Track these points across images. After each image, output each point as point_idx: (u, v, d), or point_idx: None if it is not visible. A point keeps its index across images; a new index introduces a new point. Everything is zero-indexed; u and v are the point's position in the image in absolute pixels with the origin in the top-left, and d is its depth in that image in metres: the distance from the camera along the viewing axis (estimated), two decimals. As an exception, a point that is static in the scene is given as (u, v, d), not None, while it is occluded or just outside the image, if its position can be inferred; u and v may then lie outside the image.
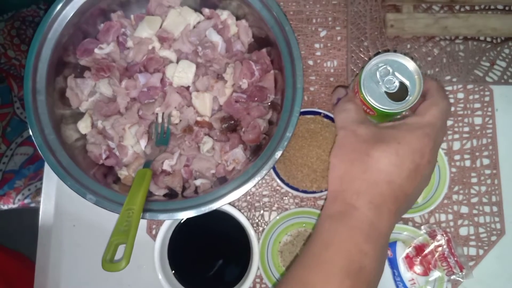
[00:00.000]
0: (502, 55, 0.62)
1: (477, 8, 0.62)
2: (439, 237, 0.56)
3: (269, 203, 0.60)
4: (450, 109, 0.49)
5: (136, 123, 0.55)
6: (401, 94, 0.46)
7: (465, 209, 0.60)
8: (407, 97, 0.45)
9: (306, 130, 0.56)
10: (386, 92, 0.46)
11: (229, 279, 0.55)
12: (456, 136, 0.61)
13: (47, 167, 0.62)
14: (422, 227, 0.58)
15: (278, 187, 0.61)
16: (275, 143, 0.48)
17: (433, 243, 0.56)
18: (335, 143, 0.47)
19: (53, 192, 0.61)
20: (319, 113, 0.57)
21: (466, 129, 0.61)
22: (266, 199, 0.61)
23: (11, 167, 0.95)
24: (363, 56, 0.62)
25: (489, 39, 0.62)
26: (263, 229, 0.58)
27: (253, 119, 0.54)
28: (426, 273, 0.55)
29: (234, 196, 0.47)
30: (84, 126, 0.55)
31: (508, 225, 0.59)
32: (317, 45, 0.64)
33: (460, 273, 0.55)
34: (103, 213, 0.48)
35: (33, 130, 0.49)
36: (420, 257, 0.56)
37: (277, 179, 0.56)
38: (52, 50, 0.51)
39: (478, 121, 0.62)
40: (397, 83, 0.46)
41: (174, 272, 0.55)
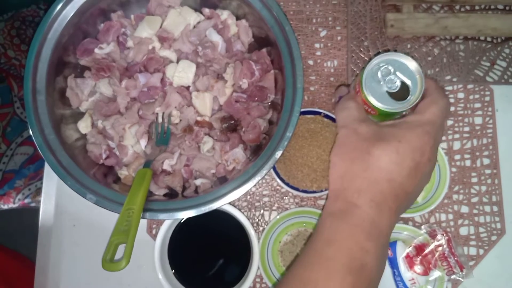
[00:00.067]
0: (502, 55, 0.62)
1: (477, 8, 0.62)
2: (439, 237, 0.56)
3: (269, 203, 0.60)
4: (449, 107, 0.49)
5: (136, 123, 0.55)
6: (402, 93, 0.46)
7: (465, 209, 0.60)
8: (409, 97, 0.45)
9: (306, 130, 0.56)
10: (387, 91, 0.46)
11: (229, 278, 0.55)
12: (456, 136, 0.61)
13: (47, 167, 0.62)
14: (422, 227, 0.58)
15: (278, 187, 0.61)
16: (275, 143, 0.48)
17: (433, 242, 0.56)
18: (335, 141, 0.48)
19: (53, 192, 0.61)
20: (319, 113, 0.57)
21: (466, 129, 0.61)
22: (266, 199, 0.61)
23: (11, 167, 0.95)
24: (363, 56, 0.62)
25: (489, 39, 0.62)
26: (263, 229, 0.58)
27: (253, 119, 0.54)
28: (426, 272, 0.55)
29: (234, 195, 0.47)
30: (84, 126, 0.55)
31: (508, 225, 0.59)
32: (317, 45, 0.64)
33: (460, 273, 0.55)
34: (103, 213, 0.48)
35: (33, 130, 0.49)
36: (420, 257, 0.55)
37: (277, 179, 0.56)
38: (52, 50, 0.51)
39: (478, 121, 0.62)
40: (398, 83, 0.46)
41: (174, 271, 0.55)
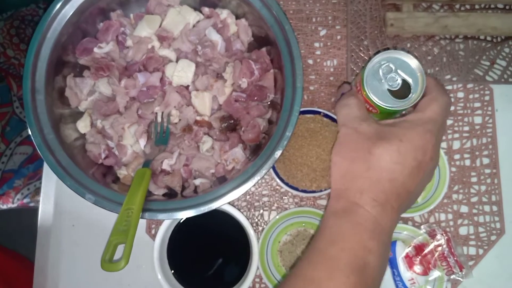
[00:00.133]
0: (502, 54, 0.62)
1: (477, 7, 0.62)
2: (438, 237, 0.56)
3: (269, 203, 0.60)
4: (450, 104, 0.49)
5: (135, 122, 0.55)
6: (403, 91, 0.46)
7: (465, 209, 0.60)
8: (410, 95, 0.45)
9: (305, 129, 0.56)
10: (388, 89, 0.46)
11: (229, 278, 0.55)
12: (456, 135, 0.61)
13: (46, 167, 0.62)
14: (421, 227, 0.58)
15: (277, 187, 0.61)
16: (274, 143, 0.48)
17: (433, 242, 0.56)
18: (336, 140, 0.47)
19: (52, 191, 0.61)
20: (319, 112, 0.57)
21: (466, 128, 0.61)
22: (265, 199, 0.60)
23: (10, 166, 0.95)
24: (363, 55, 0.62)
25: (489, 38, 0.62)
26: (263, 229, 0.58)
27: (252, 118, 0.54)
28: (425, 272, 0.55)
29: (233, 195, 0.47)
30: (83, 125, 0.55)
31: (508, 225, 0.59)
32: (317, 44, 0.64)
33: (459, 273, 0.55)
34: (103, 213, 0.48)
35: (32, 129, 0.49)
36: (419, 257, 0.55)
37: (277, 179, 0.56)
38: (51, 49, 0.51)
39: (478, 120, 0.62)
40: (399, 81, 0.46)
41: (173, 272, 0.55)
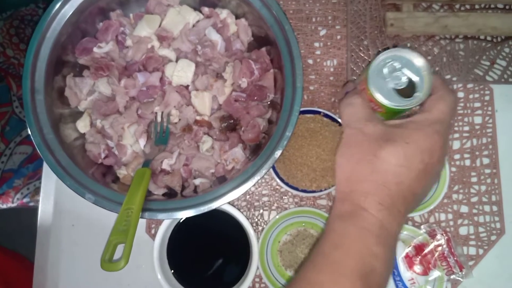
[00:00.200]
0: (502, 54, 0.62)
1: (477, 7, 0.62)
2: (438, 237, 0.56)
3: (269, 203, 0.60)
4: (457, 103, 0.47)
5: (135, 122, 0.55)
6: (409, 90, 0.44)
7: (465, 209, 0.60)
8: (416, 94, 0.44)
9: (305, 129, 0.56)
10: (394, 88, 0.44)
11: (229, 278, 0.55)
12: (456, 135, 0.61)
13: (46, 167, 0.62)
14: (421, 227, 0.58)
15: (277, 187, 0.61)
16: (274, 142, 0.48)
17: (433, 242, 0.56)
18: (341, 141, 0.46)
19: (52, 191, 0.61)
20: (319, 112, 0.57)
21: (466, 128, 0.61)
22: (265, 199, 0.60)
23: (10, 166, 0.95)
24: (363, 55, 0.62)
25: (489, 38, 0.62)
26: (263, 229, 0.58)
27: (252, 118, 0.54)
28: (425, 272, 0.55)
29: (233, 195, 0.47)
30: (83, 125, 0.55)
31: (508, 225, 0.59)
32: (316, 44, 0.64)
33: (459, 273, 0.55)
34: (102, 213, 0.48)
35: (32, 129, 0.49)
36: (419, 257, 0.55)
37: (277, 179, 0.56)
38: (50, 49, 0.51)
39: (478, 120, 0.62)
40: (405, 79, 0.44)
41: (173, 271, 0.55)
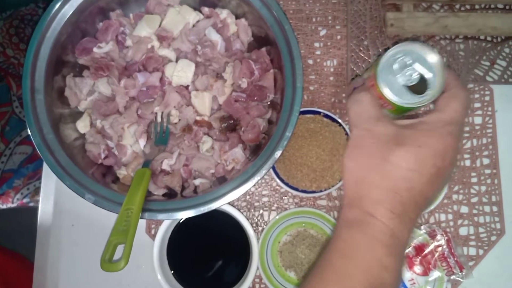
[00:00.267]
0: (502, 55, 0.62)
1: (477, 7, 0.62)
2: (439, 237, 0.56)
3: (269, 203, 0.60)
4: (470, 101, 0.45)
5: (135, 122, 0.55)
6: (421, 86, 0.41)
7: (465, 209, 0.60)
8: (428, 91, 0.41)
9: (305, 129, 0.56)
10: (404, 85, 0.42)
11: (229, 279, 0.55)
12: (456, 135, 0.61)
13: (45, 167, 0.62)
14: (422, 227, 0.58)
15: (277, 187, 0.60)
16: (274, 143, 0.48)
17: (433, 243, 0.56)
18: (348, 142, 0.44)
19: (51, 191, 0.61)
20: (319, 113, 0.57)
21: (466, 129, 0.61)
22: (265, 199, 0.60)
23: (10, 166, 0.95)
24: (363, 55, 0.62)
25: (489, 38, 0.62)
26: (263, 229, 0.58)
27: (252, 118, 0.54)
28: (425, 273, 0.55)
29: (233, 195, 0.47)
30: (83, 125, 0.55)
31: (508, 225, 0.59)
32: (316, 44, 0.64)
33: (460, 273, 0.55)
34: (102, 213, 0.48)
35: (32, 129, 0.49)
36: (419, 257, 0.55)
37: (277, 179, 0.56)
38: (50, 49, 0.51)
39: (478, 120, 0.62)
40: (417, 75, 0.41)
41: (173, 272, 0.55)
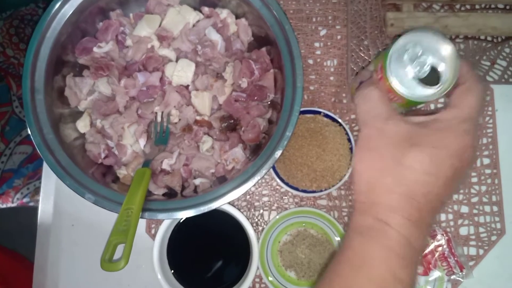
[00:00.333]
0: (502, 54, 0.62)
1: (477, 7, 0.62)
2: (439, 237, 0.56)
3: (269, 203, 0.60)
4: (486, 94, 0.42)
5: (135, 122, 0.55)
6: (433, 78, 0.39)
7: (465, 209, 0.60)
8: (441, 83, 0.38)
9: (306, 129, 0.56)
10: (415, 77, 0.39)
11: (229, 278, 0.55)
12: (456, 135, 0.61)
13: (45, 166, 0.62)
14: (422, 227, 0.58)
15: (277, 187, 0.60)
16: (274, 142, 0.48)
17: (433, 243, 0.56)
18: (358, 142, 0.41)
19: (52, 191, 0.61)
20: (319, 112, 0.57)
21: (466, 129, 0.61)
22: (265, 199, 0.60)
23: (10, 166, 0.95)
24: (363, 55, 0.61)
25: (489, 38, 0.62)
26: (263, 229, 0.58)
27: (252, 118, 0.54)
28: (426, 273, 0.55)
29: (233, 195, 0.47)
30: (83, 125, 0.55)
31: (508, 225, 0.59)
32: (317, 44, 0.64)
33: (460, 273, 0.55)
34: (102, 213, 0.48)
35: (32, 129, 0.49)
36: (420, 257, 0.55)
37: (277, 179, 0.56)
38: (50, 48, 0.51)
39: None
40: (428, 67, 0.39)
41: (173, 271, 0.55)
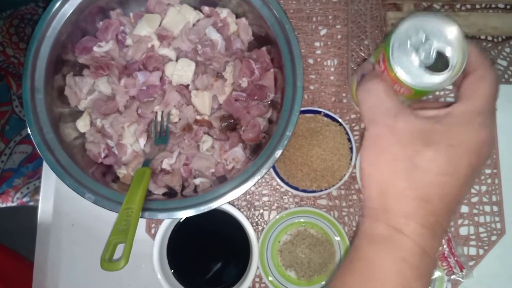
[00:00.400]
0: (502, 54, 0.62)
1: (477, 7, 0.62)
2: (439, 237, 0.56)
3: (269, 202, 0.60)
4: (499, 81, 0.39)
5: (135, 121, 0.54)
6: (440, 65, 0.36)
7: (465, 209, 0.60)
8: (450, 67, 0.36)
9: (306, 129, 0.56)
10: (421, 65, 0.36)
11: (229, 278, 0.55)
12: (456, 135, 0.61)
13: (45, 166, 0.62)
14: (422, 227, 0.58)
15: (277, 186, 0.60)
16: (275, 142, 0.48)
17: (433, 242, 0.56)
18: (364, 142, 0.37)
19: (51, 190, 0.61)
20: (319, 112, 0.57)
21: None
22: (265, 198, 0.60)
23: (9, 165, 0.95)
24: (363, 54, 0.61)
25: (489, 38, 0.62)
26: (263, 229, 0.58)
27: (252, 118, 0.54)
28: (426, 272, 0.55)
29: (233, 195, 0.47)
30: (83, 124, 0.55)
31: (508, 225, 0.59)
32: (317, 44, 0.64)
33: (460, 273, 0.55)
34: (102, 212, 0.48)
35: (32, 128, 0.48)
36: (420, 257, 0.55)
37: (277, 178, 0.56)
38: (50, 48, 0.51)
39: (478, 120, 0.61)
40: (434, 52, 0.36)
41: (173, 271, 0.55)
